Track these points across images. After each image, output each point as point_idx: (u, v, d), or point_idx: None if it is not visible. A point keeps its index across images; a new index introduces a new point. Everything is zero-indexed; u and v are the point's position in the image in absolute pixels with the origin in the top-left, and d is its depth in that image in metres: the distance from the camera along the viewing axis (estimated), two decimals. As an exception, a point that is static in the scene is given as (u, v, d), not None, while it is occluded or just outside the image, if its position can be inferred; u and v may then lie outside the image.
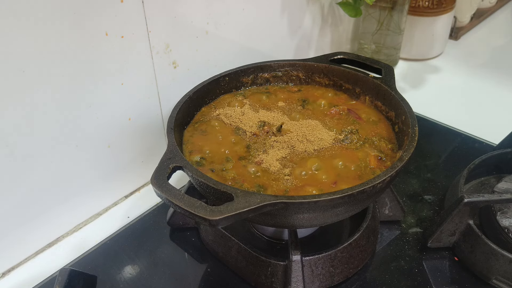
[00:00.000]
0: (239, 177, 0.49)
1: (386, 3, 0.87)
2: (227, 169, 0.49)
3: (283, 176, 0.49)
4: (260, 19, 0.74)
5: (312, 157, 0.51)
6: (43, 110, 0.51)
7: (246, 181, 0.48)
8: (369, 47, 0.95)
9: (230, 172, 0.49)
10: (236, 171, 0.49)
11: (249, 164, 0.50)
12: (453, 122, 0.79)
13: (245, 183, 0.48)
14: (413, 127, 0.50)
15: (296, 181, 0.48)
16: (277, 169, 0.49)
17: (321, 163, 0.50)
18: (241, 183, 0.48)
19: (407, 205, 0.63)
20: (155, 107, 0.64)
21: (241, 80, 0.63)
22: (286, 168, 0.50)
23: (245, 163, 0.50)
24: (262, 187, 0.47)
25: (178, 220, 0.59)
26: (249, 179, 0.48)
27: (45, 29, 0.47)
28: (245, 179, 0.48)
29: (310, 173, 0.49)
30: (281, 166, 0.50)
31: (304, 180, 0.48)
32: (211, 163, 0.50)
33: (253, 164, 0.50)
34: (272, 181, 0.48)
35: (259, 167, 0.50)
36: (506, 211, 0.54)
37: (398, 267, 0.55)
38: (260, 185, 0.48)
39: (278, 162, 0.50)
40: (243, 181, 0.48)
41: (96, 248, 0.58)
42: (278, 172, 0.49)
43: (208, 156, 0.51)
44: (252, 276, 0.52)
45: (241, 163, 0.50)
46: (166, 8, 0.58)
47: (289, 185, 0.48)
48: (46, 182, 0.55)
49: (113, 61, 0.55)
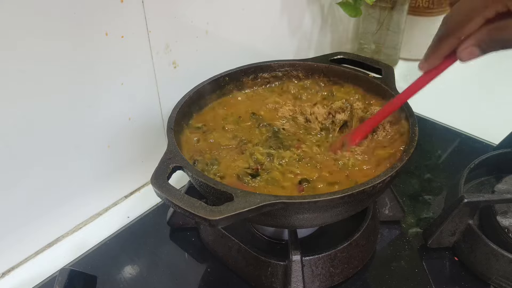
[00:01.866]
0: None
1: (386, 3, 0.87)
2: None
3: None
4: (260, 19, 0.74)
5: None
6: (43, 110, 0.51)
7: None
8: (369, 47, 0.95)
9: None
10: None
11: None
12: (453, 122, 0.79)
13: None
14: (413, 127, 0.50)
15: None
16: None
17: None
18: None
19: (407, 205, 0.63)
20: (155, 107, 0.64)
21: (241, 80, 0.63)
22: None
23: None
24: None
25: (178, 220, 0.59)
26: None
27: (45, 29, 0.47)
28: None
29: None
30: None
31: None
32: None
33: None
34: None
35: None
36: (506, 211, 0.54)
37: (398, 267, 0.55)
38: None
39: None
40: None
41: (96, 248, 0.58)
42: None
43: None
44: (252, 276, 0.52)
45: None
46: (166, 8, 0.58)
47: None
48: (46, 182, 0.55)
49: (113, 61, 0.55)
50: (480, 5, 0.35)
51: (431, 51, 0.41)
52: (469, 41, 0.37)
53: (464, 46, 0.38)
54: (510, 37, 0.35)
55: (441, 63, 0.41)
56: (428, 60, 0.42)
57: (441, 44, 0.39)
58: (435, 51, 0.40)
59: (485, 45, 0.37)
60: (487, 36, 0.36)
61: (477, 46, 0.37)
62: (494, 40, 0.36)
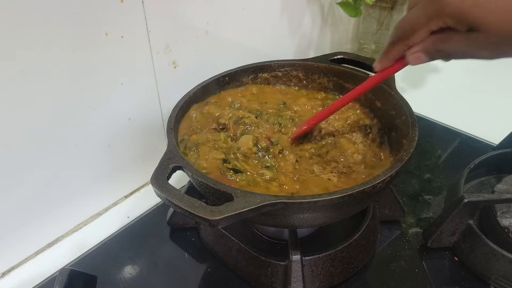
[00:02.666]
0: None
1: (386, 3, 0.87)
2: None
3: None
4: (260, 19, 0.74)
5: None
6: (43, 110, 0.51)
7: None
8: (369, 47, 0.95)
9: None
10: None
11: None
12: (453, 122, 0.79)
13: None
14: (413, 127, 0.50)
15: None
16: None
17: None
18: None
19: (407, 205, 0.63)
20: (155, 107, 0.64)
21: (241, 80, 0.63)
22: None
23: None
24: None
25: (178, 220, 0.59)
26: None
27: (45, 28, 0.47)
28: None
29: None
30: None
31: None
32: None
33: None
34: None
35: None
36: (506, 211, 0.54)
37: (398, 267, 0.55)
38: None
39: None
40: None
41: (96, 248, 0.58)
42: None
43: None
44: (252, 276, 0.52)
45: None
46: (166, 8, 0.58)
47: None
48: (46, 182, 0.55)
49: (113, 61, 0.55)
50: (424, 19, 0.38)
51: (384, 54, 0.44)
52: (416, 47, 0.41)
53: (412, 51, 0.41)
54: (451, 49, 0.38)
55: (392, 65, 0.45)
56: (381, 61, 0.45)
57: (392, 48, 0.43)
58: (386, 54, 0.44)
59: (430, 53, 0.40)
60: (431, 45, 0.39)
61: (423, 52, 0.40)
62: (437, 49, 0.39)
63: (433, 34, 0.39)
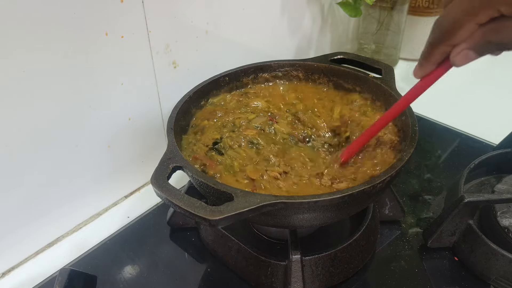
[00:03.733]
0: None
1: (386, 3, 0.87)
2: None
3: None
4: (260, 19, 0.74)
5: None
6: (43, 110, 0.51)
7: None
8: (369, 47, 0.95)
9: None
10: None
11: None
12: (453, 122, 0.79)
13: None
14: (413, 127, 0.50)
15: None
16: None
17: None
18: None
19: (407, 205, 0.63)
20: (155, 107, 0.64)
21: (241, 80, 0.63)
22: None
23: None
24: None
25: (178, 220, 0.59)
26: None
27: (45, 28, 0.47)
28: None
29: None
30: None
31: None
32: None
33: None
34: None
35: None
36: (506, 211, 0.54)
37: (398, 267, 0.55)
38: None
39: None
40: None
41: (96, 248, 0.58)
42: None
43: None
44: (252, 276, 0.52)
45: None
46: (166, 8, 0.58)
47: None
48: (46, 182, 0.55)
49: (113, 61, 0.55)
50: (472, 11, 0.34)
51: (424, 58, 0.39)
52: (463, 45, 0.36)
53: (458, 50, 0.36)
54: (507, 38, 0.34)
55: (435, 70, 0.40)
56: (422, 67, 0.40)
57: (434, 51, 0.38)
58: (427, 58, 0.39)
59: (481, 48, 0.35)
60: (482, 39, 0.35)
61: (472, 49, 0.36)
62: (490, 42, 0.35)
63: (482, 26, 0.34)
